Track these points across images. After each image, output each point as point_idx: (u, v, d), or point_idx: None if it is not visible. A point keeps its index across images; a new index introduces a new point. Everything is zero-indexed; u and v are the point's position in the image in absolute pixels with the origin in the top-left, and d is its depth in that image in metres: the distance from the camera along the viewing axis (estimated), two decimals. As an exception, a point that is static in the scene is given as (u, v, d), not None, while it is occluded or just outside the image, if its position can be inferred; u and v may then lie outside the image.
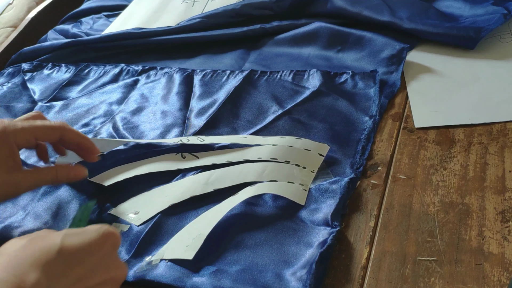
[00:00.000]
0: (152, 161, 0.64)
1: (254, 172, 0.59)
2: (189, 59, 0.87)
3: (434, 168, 0.58)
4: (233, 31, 0.87)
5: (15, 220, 0.60)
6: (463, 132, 0.62)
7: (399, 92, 0.71)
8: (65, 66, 0.88)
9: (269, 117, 0.69)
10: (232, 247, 0.53)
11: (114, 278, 0.43)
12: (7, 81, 0.87)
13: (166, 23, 0.95)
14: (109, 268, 0.42)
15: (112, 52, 0.91)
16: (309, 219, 0.54)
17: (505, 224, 0.51)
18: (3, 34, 1.02)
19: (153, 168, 0.63)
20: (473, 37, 0.74)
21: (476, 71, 0.72)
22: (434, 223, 0.52)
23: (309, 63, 0.80)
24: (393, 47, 0.77)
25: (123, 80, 0.83)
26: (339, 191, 0.56)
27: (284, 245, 0.52)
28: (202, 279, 0.49)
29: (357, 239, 0.52)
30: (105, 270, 0.42)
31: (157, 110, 0.75)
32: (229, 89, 0.75)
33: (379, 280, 0.48)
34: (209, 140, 0.65)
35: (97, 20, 1.03)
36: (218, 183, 0.59)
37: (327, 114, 0.68)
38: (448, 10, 0.84)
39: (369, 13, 0.82)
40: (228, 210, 0.55)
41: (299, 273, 0.48)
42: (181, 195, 0.58)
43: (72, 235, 0.41)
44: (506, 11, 0.77)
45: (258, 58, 0.83)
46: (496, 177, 0.56)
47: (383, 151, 0.62)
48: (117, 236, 0.43)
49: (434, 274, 0.48)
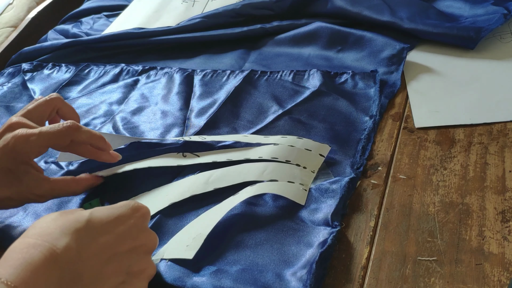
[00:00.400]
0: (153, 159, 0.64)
1: (255, 171, 0.59)
2: (189, 59, 0.87)
3: (434, 168, 0.58)
4: (233, 31, 0.87)
5: (15, 220, 0.60)
6: (463, 132, 0.62)
7: (399, 92, 0.71)
8: (65, 66, 0.89)
9: (269, 117, 0.69)
10: (232, 247, 0.53)
11: (144, 246, 0.45)
12: (7, 81, 0.88)
13: (166, 23, 0.95)
14: (138, 236, 0.44)
15: (112, 52, 0.91)
16: (309, 219, 0.54)
17: (505, 224, 0.51)
18: (3, 34, 1.02)
19: (154, 163, 0.63)
20: (473, 37, 0.74)
21: (476, 71, 0.72)
22: (434, 223, 0.52)
23: (309, 63, 0.80)
24: (393, 47, 0.77)
25: (123, 80, 0.83)
26: (339, 191, 0.56)
27: (284, 245, 0.52)
28: (203, 279, 0.49)
29: (357, 239, 0.52)
30: (134, 238, 0.44)
31: (157, 110, 0.75)
32: (229, 89, 0.75)
33: (379, 280, 0.48)
34: (211, 138, 0.66)
35: (97, 20, 1.03)
36: (219, 183, 0.59)
37: (327, 114, 0.68)
38: (448, 10, 0.84)
39: (369, 13, 0.82)
40: (228, 210, 0.55)
41: (299, 273, 0.48)
42: (181, 194, 0.58)
43: (101, 209, 0.44)
44: (506, 11, 0.77)
45: (258, 58, 0.83)
46: (496, 177, 0.56)
47: (383, 151, 0.62)
48: (146, 210, 0.46)
49: (434, 274, 0.48)
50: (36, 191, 0.56)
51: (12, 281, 0.36)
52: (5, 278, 0.36)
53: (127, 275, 0.43)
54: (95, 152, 0.59)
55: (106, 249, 0.41)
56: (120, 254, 0.42)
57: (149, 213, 0.46)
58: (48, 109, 0.59)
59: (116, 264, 0.42)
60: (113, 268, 0.42)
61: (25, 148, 0.53)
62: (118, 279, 0.42)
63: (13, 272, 0.36)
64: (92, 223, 0.41)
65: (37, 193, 0.56)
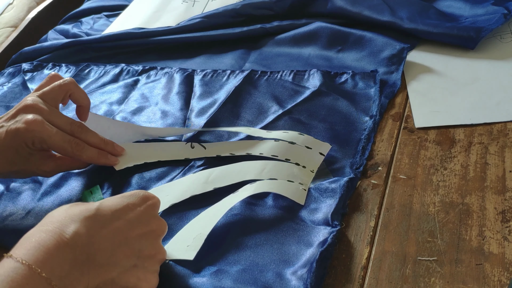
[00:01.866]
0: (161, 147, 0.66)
1: (254, 170, 0.60)
2: (189, 59, 0.87)
3: (435, 168, 0.58)
4: (234, 31, 0.87)
5: (15, 219, 0.60)
6: (464, 132, 0.63)
7: (399, 92, 0.71)
8: (66, 66, 0.89)
9: (270, 117, 0.69)
10: (232, 247, 0.53)
11: (154, 232, 0.47)
12: (8, 81, 0.88)
13: (166, 23, 0.95)
14: (148, 223, 0.46)
15: (112, 52, 0.91)
16: (309, 219, 0.54)
17: (506, 224, 0.51)
18: (3, 34, 1.02)
19: (162, 156, 0.65)
20: (473, 37, 0.74)
21: (476, 71, 0.72)
22: (435, 223, 0.52)
23: (309, 63, 0.80)
24: (393, 47, 0.77)
25: (123, 80, 0.83)
26: (339, 190, 0.56)
27: (284, 244, 0.52)
28: (203, 279, 0.49)
29: (357, 239, 0.52)
30: (144, 224, 0.46)
31: (157, 110, 0.75)
32: (230, 89, 0.75)
33: (380, 280, 0.48)
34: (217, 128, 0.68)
35: (97, 20, 1.03)
36: (218, 182, 0.59)
37: (327, 114, 0.68)
38: (449, 10, 0.84)
39: (369, 13, 0.82)
40: (228, 209, 0.55)
41: (299, 272, 0.48)
42: (181, 195, 0.58)
43: (111, 198, 0.46)
44: (506, 11, 0.77)
45: (258, 58, 0.83)
46: (497, 177, 0.56)
47: (383, 151, 0.62)
48: (156, 199, 0.48)
49: (434, 274, 0.48)
50: (43, 167, 0.60)
51: (26, 260, 0.39)
52: (20, 257, 0.39)
53: (138, 258, 0.45)
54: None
55: (117, 234, 0.44)
56: (131, 239, 0.45)
57: (159, 202, 0.48)
58: (62, 93, 0.61)
59: (127, 248, 0.44)
60: (125, 252, 0.44)
61: (35, 139, 0.56)
62: (130, 263, 0.44)
63: (26, 253, 0.39)
64: (101, 211, 0.44)
65: (44, 170, 0.60)
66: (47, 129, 0.56)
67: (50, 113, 0.58)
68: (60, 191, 0.63)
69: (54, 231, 0.41)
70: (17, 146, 0.56)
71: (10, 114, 0.58)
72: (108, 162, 0.61)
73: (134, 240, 0.45)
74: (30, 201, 0.62)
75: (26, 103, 0.58)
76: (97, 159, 0.60)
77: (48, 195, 0.63)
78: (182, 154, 0.65)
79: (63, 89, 0.61)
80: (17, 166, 0.58)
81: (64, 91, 0.61)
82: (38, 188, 0.64)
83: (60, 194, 0.63)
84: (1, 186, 0.65)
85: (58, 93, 0.60)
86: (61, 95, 0.61)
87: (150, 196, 0.48)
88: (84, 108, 0.64)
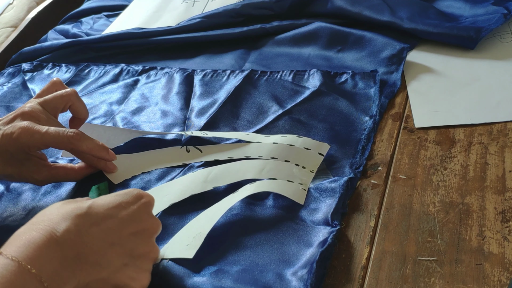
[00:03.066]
0: (157, 155, 0.65)
1: (253, 169, 0.60)
2: (189, 59, 0.87)
3: (434, 168, 0.58)
4: (233, 31, 0.87)
5: (15, 219, 0.60)
6: (463, 132, 0.63)
7: (399, 92, 0.71)
8: (65, 66, 0.89)
9: (269, 117, 0.69)
10: (232, 247, 0.53)
11: (147, 230, 0.46)
12: (7, 81, 0.88)
13: (166, 23, 0.95)
14: (141, 221, 0.46)
15: (112, 52, 0.91)
16: (309, 219, 0.54)
17: (505, 224, 0.51)
18: (3, 34, 1.02)
19: (159, 163, 0.64)
20: (473, 37, 0.74)
21: (476, 71, 0.72)
22: (434, 223, 0.52)
23: (309, 63, 0.80)
24: (393, 47, 0.77)
25: (123, 80, 0.83)
26: (338, 190, 0.56)
27: (284, 244, 0.52)
28: (203, 279, 0.49)
29: (357, 239, 0.52)
30: (137, 222, 0.46)
31: (157, 110, 0.75)
32: (230, 89, 0.75)
33: (380, 280, 0.48)
34: (212, 134, 0.66)
35: (97, 20, 1.03)
36: (217, 181, 0.59)
37: (327, 114, 0.68)
38: (448, 10, 0.84)
39: (369, 13, 0.82)
40: (227, 208, 0.55)
41: (300, 273, 0.48)
42: (181, 194, 0.58)
43: (104, 197, 0.46)
44: (506, 11, 0.77)
45: (258, 58, 0.83)
46: (496, 177, 0.56)
47: (383, 151, 0.62)
48: (149, 197, 0.48)
49: (434, 274, 0.48)
50: (36, 176, 0.60)
51: (16, 256, 0.39)
52: (10, 254, 0.39)
53: (131, 257, 0.45)
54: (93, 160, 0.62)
55: (109, 233, 0.43)
56: (124, 237, 0.44)
57: (153, 200, 0.48)
58: (63, 104, 0.62)
59: (119, 247, 0.44)
60: (117, 250, 0.44)
61: (27, 142, 0.56)
62: (122, 261, 0.44)
63: (16, 250, 0.39)
64: (93, 209, 0.44)
65: (37, 178, 0.60)
66: (38, 131, 0.56)
67: (47, 122, 0.58)
68: (60, 191, 0.63)
69: (45, 228, 0.41)
70: (12, 150, 0.57)
71: (9, 117, 0.58)
72: (108, 157, 0.61)
73: (127, 239, 0.45)
74: (31, 201, 0.62)
75: (24, 109, 0.58)
76: (98, 151, 0.59)
77: (48, 195, 0.63)
78: (179, 159, 0.64)
79: (64, 100, 0.62)
80: (11, 170, 0.58)
81: (65, 101, 0.62)
82: (38, 188, 0.64)
83: (60, 194, 0.63)
84: (2, 186, 0.65)
85: (59, 102, 0.61)
86: (62, 105, 0.62)
87: (144, 194, 0.47)
88: (81, 121, 0.65)
